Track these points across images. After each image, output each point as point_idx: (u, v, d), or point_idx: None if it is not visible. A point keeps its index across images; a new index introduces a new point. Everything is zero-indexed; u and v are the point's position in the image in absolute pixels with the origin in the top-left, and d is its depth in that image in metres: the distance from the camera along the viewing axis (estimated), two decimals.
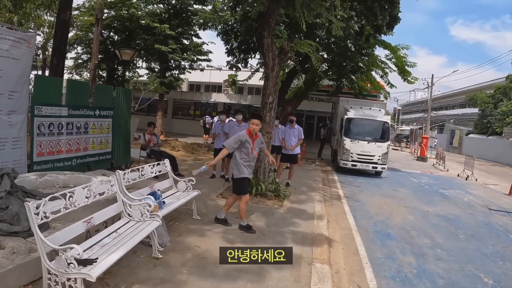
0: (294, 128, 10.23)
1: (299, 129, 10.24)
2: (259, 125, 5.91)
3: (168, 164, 6.04)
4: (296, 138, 10.17)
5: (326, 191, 10.65)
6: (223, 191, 8.37)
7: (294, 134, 10.17)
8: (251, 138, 5.93)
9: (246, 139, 5.88)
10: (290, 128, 10.27)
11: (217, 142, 10.13)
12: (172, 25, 20.85)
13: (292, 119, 10.25)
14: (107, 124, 9.06)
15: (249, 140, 5.90)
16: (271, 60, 8.06)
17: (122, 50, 9.94)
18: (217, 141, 10.12)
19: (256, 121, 5.89)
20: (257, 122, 5.89)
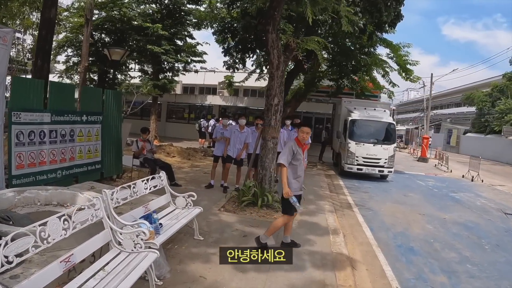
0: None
1: None
2: (309, 134, 5.30)
3: (165, 177, 5.23)
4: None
5: (335, 198, 9.91)
6: (225, 203, 7.58)
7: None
8: (300, 148, 5.28)
9: (297, 149, 5.21)
10: (296, 132, 9.34)
11: (217, 148, 9.30)
12: (165, 25, 20.07)
13: (297, 122, 9.39)
14: (96, 130, 8.24)
15: (299, 150, 5.24)
16: (276, 58, 7.31)
17: (111, 49, 9.13)
18: (218, 147, 9.29)
19: (307, 129, 5.28)
20: (307, 130, 5.28)
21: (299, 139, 5.26)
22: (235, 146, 8.88)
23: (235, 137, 8.86)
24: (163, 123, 27.05)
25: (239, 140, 8.88)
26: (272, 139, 7.66)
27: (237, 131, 8.91)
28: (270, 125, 7.65)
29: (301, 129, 5.31)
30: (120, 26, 19.68)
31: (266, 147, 7.71)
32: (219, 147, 9.13)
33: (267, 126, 7.72)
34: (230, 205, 7.46)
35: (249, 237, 5.64)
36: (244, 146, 8.94)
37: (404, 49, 17.09)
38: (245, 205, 7.36)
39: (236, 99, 26.68)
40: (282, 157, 5.11)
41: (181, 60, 21.77)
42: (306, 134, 5.24)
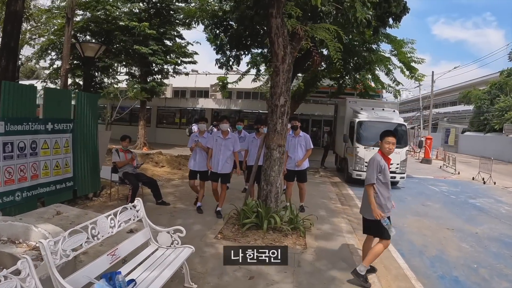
0: (300, 136, 7.78)
1: (306, 137, 7.80)
2: (395, 144, 4.63)
3: (141, 206, 3.84)
4: (303, 149, 7.75)
5: (349, 213, 8.58)
6: (223, 227, 6.20)
7: (300, 144, 7.74)
8: (386, 162, 4.64)
9: (384, 164, 4.59)
10: (294, 137, 7.78)
11: (192, 160, 7.40)
12: (153, 24, 18.75)
13: (296, 125, 7.82)
14: (65, 141, 6.84)
15: (386, 165, 4.60)
16: (282, 48, 5.97)
17: (84, 44, 7.74)
18: (192, 158, 7.41)
19: (392, 139, 4.59)
20: (393, 141, 4.61)
21: (384, 152, 4.60)
22: (217, 157, 7.01)
23: (217, 146, 7.02)
24: (153, 128, 25.61)
25: (222, 149, 6.99)
26: (278, 148, 6.32)
27: (220, 139, 7.05)
28: (275, 131, 6.30)
29: (385, 140, 4.58)
30: (106, 26, 18.32)
31: (270, 157, 6.36)
32: (195, 158, 7.30)
33: (272, 132, 6.38)
34: (229, 229, 6.09)
35: (258, 279, 4.30)
36: (235, 156, 7.18)
37: (408, 45, 15.89)
38: (247, 228, 6.02)
39: (230, 101, 25.31)
40: (370, 175, 4.50)
41: (171, 62, 20.45)
42: (392, 145, 4.55)
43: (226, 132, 7.07)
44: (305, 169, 7.88)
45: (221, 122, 7.15)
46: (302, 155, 7.74)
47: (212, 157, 7.07)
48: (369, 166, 4.65)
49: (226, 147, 6.96)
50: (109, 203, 7.40)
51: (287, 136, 7.61)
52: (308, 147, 7.76)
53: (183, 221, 6.43)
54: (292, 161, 7.65)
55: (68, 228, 5.25)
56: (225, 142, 6.99)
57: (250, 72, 18.60)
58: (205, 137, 7.35)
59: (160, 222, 6.25)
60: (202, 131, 7.46)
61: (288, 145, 7.61)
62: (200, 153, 7.23)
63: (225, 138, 7.02)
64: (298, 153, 7.70)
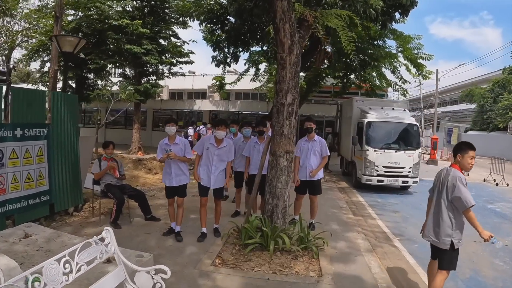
0: (314, 141, 6.60)
1: (322, 142, 6.65)
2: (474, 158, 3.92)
3: (111, 238, 2.92)
4: (318, 156, 6.59)
5: (363, 225, 7.67)
6: (221, 250, 5.27)
7: (314, 150, 6.57)
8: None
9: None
10: (308, 141, 6.64)
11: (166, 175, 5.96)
12: (146, 22, 17.85)
13: (311, 127, 6.60)
14: (39, 149, 5.92)
15: None
16: (289, 36, 5.06)
17: (61, 37, 6.80)
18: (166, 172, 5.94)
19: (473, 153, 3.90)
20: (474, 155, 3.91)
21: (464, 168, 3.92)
22: (208, 168, 5.75)
23: (209, 155, 5.73)
24: (149, 132, 24.71)
25: (215, 160, 5.74)
26: (286, 154, 5.39)
27: (212, 146, 5.74)
28: (282, 134, 5.37)
29: (468, 154, 3.84)
30: (98, 26, 17.46)
31: (277, 165, 5.44)
32: (170, 171, 5.82)
33: (278, 136, 5.45)
34: (228, 252, 5.16)
35: None
36: (227, 166, 5.92)
37: (414, 41, 15.00)
38: (250, 250, 5.10)
39: (228, 103, 24.42)
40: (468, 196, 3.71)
41: (166, 62, 19.56)
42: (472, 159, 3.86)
43: (221, 140, 5.80)
44: (319, 179, 6.77)
45: (218, 127, 5.77)
46: (316, 163, 6.61)
47: (200, 167, 5.81)
48: (460, 186, 3.76)
49: (219, 158, 5.76)
50: (91, 219, 6.48)
51: (299, 142, 6.69)
52: (324, 153, 6.64)
53: (175, 242, 5.51)
54: (304, 170, 6.58)
55: (34, 257, 4.36)
56: (218, 151, 5.72)
57: (248, 71, 17.77)
58: (178, 143, 5.80)
59: (148, 244, 5.34)
60: (172, 136, 5.78)
61: (300, 150, 6.62)
62: (175, 164, 5.77)
63: (218, 146, 5.71)
64: (311, 160, 6.57)
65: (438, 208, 3.97)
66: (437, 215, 3.98)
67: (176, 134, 5.78)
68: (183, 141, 5.91)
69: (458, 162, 3.93)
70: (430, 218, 4.09)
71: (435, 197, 4.06)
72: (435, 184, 4.14)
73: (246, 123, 7.67)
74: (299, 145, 6.65)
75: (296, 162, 6.54)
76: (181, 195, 5.87)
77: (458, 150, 3.95)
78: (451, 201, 3.84)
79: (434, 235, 4.00)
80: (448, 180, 3.86)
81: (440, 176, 4.05)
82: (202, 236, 5.75)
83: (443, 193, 3.90)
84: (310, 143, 6.60)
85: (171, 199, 5.91)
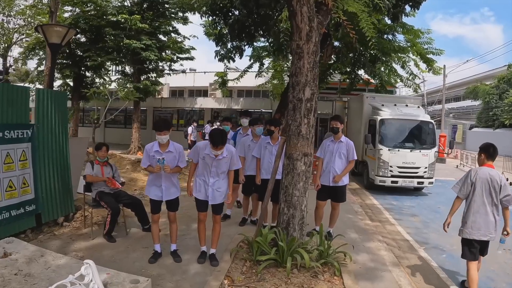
0: (340, 142, 5.90)
1: (349, 144, 5.90)
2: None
3: (94, 274, 2.26)
4: (344, 159, 5.87)
5: (383, 233, 7.00)
6: (230, 267, 4.57)
7: (340, 153, 5.85)
8: None
9: None
10: (334, 142, 5.94)
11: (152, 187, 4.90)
12: (146, 18, 17.19)
13: (337, 127, 5.88)
14: (22, 152, 5.24)
15: None
16: (307, 21, 4.37)
17: (47, 27, 6.07)
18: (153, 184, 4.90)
19: None
20: None
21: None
22: (205, 180, 4.71)
23: (206, 165, 4.67)
24: (149, 131, 24.00)
25: (213, 171, 4.68)
26: (304, 158, 4.69)
27: (209, 157, 4.60)
28: (300, 134, 4.67)
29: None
30: (96, 22, 16.79)
31: (293, 170, 4.74)
32: (159, 183, 4.81)
33: (294, 136, 4.74)
34: (238, 270, 4.47)
35: None
36: (230, 177, 4.81)
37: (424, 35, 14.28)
38: (264, 268, 4.42)
39: (231, 100, 23.74)
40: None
41: (166, 58, 18.88)
42: None
43: (220, 147, 4.55)
44: (345, 185, 6.05)
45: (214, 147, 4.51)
46: (341, 167, 5.88)
47: (196, 177, 4.83)
48: (508, 186, 4.19)
49: (218, 169, 4.68)
50: (83, 230, 5.80)
51: (324, 141, 6.01)
52: (351, 157, 5.88)
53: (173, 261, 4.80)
54: (327, 174, 5.88)
55: (11, 283, 3.69)
56: (216, 162, 4.63)
57: (252, 67, 17.08)
58: (172, 151, 4.76)
59: (145, 261, 4.67)
60: (163, 144, 4.72)
61: (324, 152, 5.94)
62: (166, 176, 4.77)
63: (216, 157, 4.58)
64: (336, 163, 5.85)
65: (485, 207, 4.20)
66: (485, 213, 4.21)
67: (169, 140, 4.78)
68: (177, 148, 4.83)
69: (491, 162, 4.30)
70: (479, 217, 4.23)
71: (485, 198, 4.21)
72: (475, 184, 4.25)
73: (256, 119, 6.68)
74: (324, 146, 6.00)
75: (319, 164, 5.91)
76: (173, 208, 4.92)
77: (494, 153, 4.33)
78: (501, 200, 4.18)
79: (491, 232, 4.24)
80: (499, 181, 4.16)
81: (482, 177, 4.22)
82: (202, 256, 4.79)
83: (491, 193, 4.18)
84: (336, 145, 5.89)
85: (156, 215, 4.84)
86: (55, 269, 3.84)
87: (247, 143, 6.38)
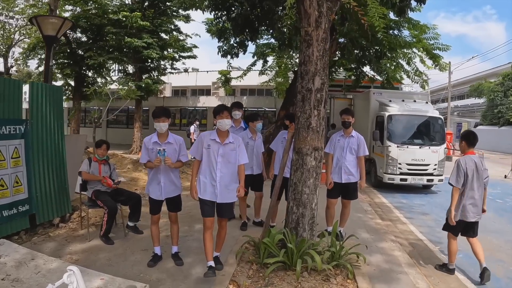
0: (351, 137, 5.56)
1: (360, 138, 5.56)
2: None
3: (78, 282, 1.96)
4: (354, 154, 5.55)
5: (395, 232, 6.67)
6: (235, 271, 4.24)
7: (351, 148, 5.53)
8: None
9: None
10: (344, 137, 5.59)
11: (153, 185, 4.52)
12: (147, 16, 16.95)
13: (348, 121, 5.54)
14: (14, 149, 4.96)
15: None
16: (316, 6, 4.07)
17: (42, 18, 5.77)
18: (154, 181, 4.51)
19: None
20: None
21: None
22: (211, 176, 4.13)
23: (211, 157, 4.14)
24: (151, 130, 23.57)
25: (220, 163, 4.13)
26: (314, 152, 4.38)
27: (214, 143, 4.15)
28: (310, 127, 4.36)
29: None
30: (97, 21, 16.57)
31: (303, 166, 4.42)
32: (158, 180, 4.42)
33: (304, 129, 4.42)
34: (244, 274, 4.17)
35: None
36: (240, 172, 4.26)
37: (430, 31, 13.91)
38: (272, 271, 4.12)
39: (234, 99, 23.43)
40: None
41: (168, 57, 18.64)
42: None
43: (226, 133, 4.19)
44: (356, 182, 5.66)
45: (220, 115, 4.17)
46: (353, 163, 5.54)
47: (200, 175, 4.21)
48: (486, 170, 4.72)
49: (225, 159, 4.15)
50: (80, 232, 5.50)
51: (334, 136, 5.67)
52: (361, 152, 5.55)
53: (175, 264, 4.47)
54: (339, 171, 5.57)
55: None
56: (223, 149, 4.12)
57: (255, 65, 16.78)
58: (172, 142, 4.40)
59: (144, 265, 4.36)
60: (162, 133, 4.35)
61: (334, 147, 5.59)
62: (167, 171, 4.39)
63: (223, 142, 4.13)
64: (347, 159, 5.51)
65: (475, 192, 4.57)
66: (473, 197, 4.58)
67: (168, 131, 4.40)
68: (178, 140, 4.46)
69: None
70: (473, 201, 4.59)
71: (475, 183, 4.55)
72: (467, 172, 4.52)
73: (255, 115, 6.24)
74: (333, 141, 5.61)
75: (329, 160, 5.57)
76: (175, 208, 4.51)
77: (475, 140, 4.66)
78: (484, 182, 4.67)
79: (480, 213, 4.69)
80: (482, 166, 4.59)
81: (471, 164, 4.54)
82: (210, 269, 4.06)
83: (478, 178, 4.56)
84: (347, 139, 5.56)
85: (156, 216, 4.48)
86: (45, 274, 3.55)
87: (245, 140, 5.72)
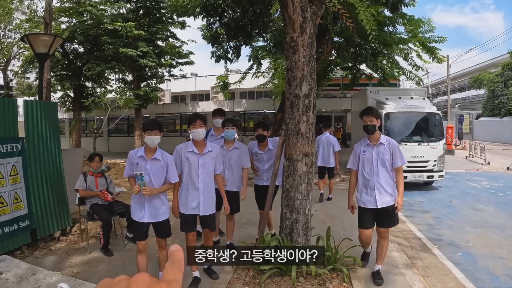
0: (381, 145, 4.25)
1: (393, 144, 4.28)
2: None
3: None
4: (388, 167, 4.24)
5: (393, 231, 6.54)
6: (232, 278, 4.31)
7: (384, 160, 4.25)
8: None
9: None
10: (370, 146, 4.35)
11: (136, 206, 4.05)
12: (142, 24, 17.06)
13: (372, 124, 4.39)
14: (12, 167, 5.05)
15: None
16: (299, 12, 4.12)
17: (33, 37, 5.86)
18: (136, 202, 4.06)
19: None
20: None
21: None
22: (194, 187, 4.11)
23: (191, 169, 4.10)
24: None
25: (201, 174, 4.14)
26: (305, 158, 4.43)
27: (193, 154, 4.12)
28: (299, 133, 4.42)
29: None
30: (93, 32, 16.69)
31: (294, 172, 4.48)
32: (141, 202, 3.96)
33: (293, 135, 4.48)
34: (240, 280, 4.23)
35: None
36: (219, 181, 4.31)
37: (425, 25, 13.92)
38: (268, 277, 4.17)
39: (233, 103, 23.51)
40: None
41: (165, 64, 18.74)
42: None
43: (202, 143, 4.09)
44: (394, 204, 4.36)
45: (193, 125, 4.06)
46: (389, 180, 4.38)
47: (182, 191, 4.13)
48: None
49: (206, 169, 4.09)
50: (80, 244, 5.59)
51: (356, 147, 4.59)
52: (399, 163, 4.42)
53: None
54: (371, 192, 4.37)
55: None
56: (202, 159, 4.05)
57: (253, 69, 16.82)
58: (159, 159, 3.94)
59: None
60: (152, 147, 3.92)
61: (358, 160, 4.48)
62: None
63: (202, 152, 4.05)
64: (381, 176, 4.33)
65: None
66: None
67: (157, 147, 3.96)
68: (166, 157, 3.98)
69: None
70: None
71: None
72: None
73: (230, 121, 5.20)
74: (357, 153, 4.48)
75: (352, 178, 4.58)
76: (163, 234, 4.08)
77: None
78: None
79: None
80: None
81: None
82: (195, 281, 4.07)
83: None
84: (375, 149, 4.33)
85: (142, 243, 3.99)
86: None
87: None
